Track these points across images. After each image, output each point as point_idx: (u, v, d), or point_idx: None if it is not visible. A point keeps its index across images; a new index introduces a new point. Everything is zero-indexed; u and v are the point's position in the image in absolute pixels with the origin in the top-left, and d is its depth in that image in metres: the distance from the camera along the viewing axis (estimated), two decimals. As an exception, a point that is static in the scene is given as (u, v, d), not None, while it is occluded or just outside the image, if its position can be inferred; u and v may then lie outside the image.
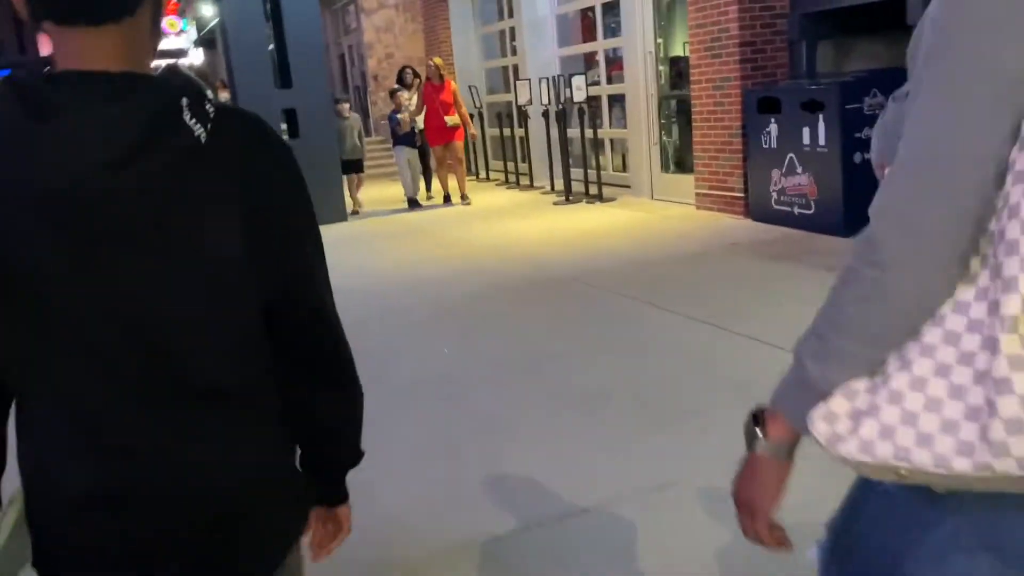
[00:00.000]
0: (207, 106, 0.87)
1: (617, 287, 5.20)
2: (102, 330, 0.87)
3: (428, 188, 10.25)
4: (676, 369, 3.72)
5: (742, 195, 6.87)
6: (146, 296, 0.87)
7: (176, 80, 0.88)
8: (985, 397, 0.71)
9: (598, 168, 8.81)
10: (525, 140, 10.35)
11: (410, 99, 9.40)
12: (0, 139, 0.83)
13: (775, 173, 6.45)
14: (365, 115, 14.62)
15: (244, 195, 0.89)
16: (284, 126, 9.01)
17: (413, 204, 9.49)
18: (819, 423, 0.81)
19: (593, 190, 8.83)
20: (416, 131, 9.35)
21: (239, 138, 0.91)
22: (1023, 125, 0.71)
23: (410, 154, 9.47)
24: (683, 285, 5.13)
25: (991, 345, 0.71)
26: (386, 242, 7.82)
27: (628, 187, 8.77)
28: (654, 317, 4.53)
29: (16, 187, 0.82)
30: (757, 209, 6.72)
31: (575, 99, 8.66)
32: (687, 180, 7.70)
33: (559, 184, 9.75)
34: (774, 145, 6.41)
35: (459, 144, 9.50)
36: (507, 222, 8.11)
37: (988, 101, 0.72)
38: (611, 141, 9.60)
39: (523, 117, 10.12)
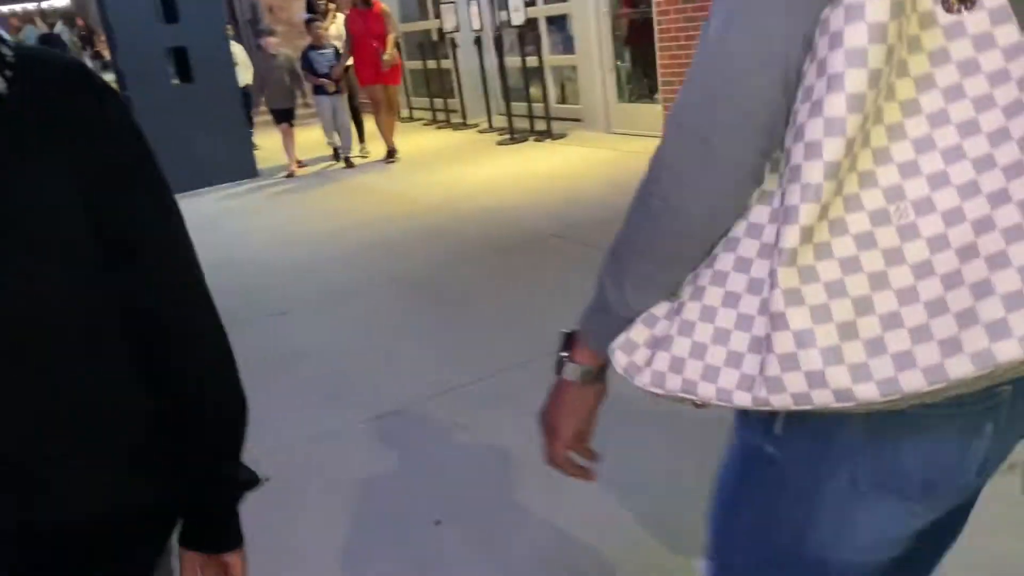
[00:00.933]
0: (2, 49, 0.70)
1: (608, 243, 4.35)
2: None
3: (361, 139, 8.36)
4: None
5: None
6: None
7: None
8: (766, 330, 0.67)
9: (546, 101, 7.83)
10: (454, 72, 9.24)
11: (327, 29, 7.92)
12: None
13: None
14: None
15: (69, 152, 0.72)
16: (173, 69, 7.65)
17: (348, 163, 7.80)
18: (618, 353, 0.77)
19: (539, 126, 7.88)
20: (335, 71, 7.53)
21: (53, 86, 0.73)
22: (816, 35, 0.64)
23: (336, 101, 7.62)
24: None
25: (772, 276, 0.67)
26: (313, 203, 6.70)
27: (578, 120, 7.85)
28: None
29: None
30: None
31: (513, 22, 7.61)
32: (651, 110, 6.85)
33: (497, 121, 8.76)
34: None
35: (396, 88, 7.80)
36: (453, 169, 7.08)
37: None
38: (551, 70, 8.61)
39: (450, 46, 9.00)
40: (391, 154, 7.80)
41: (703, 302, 0.72)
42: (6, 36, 0.72)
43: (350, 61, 7.51)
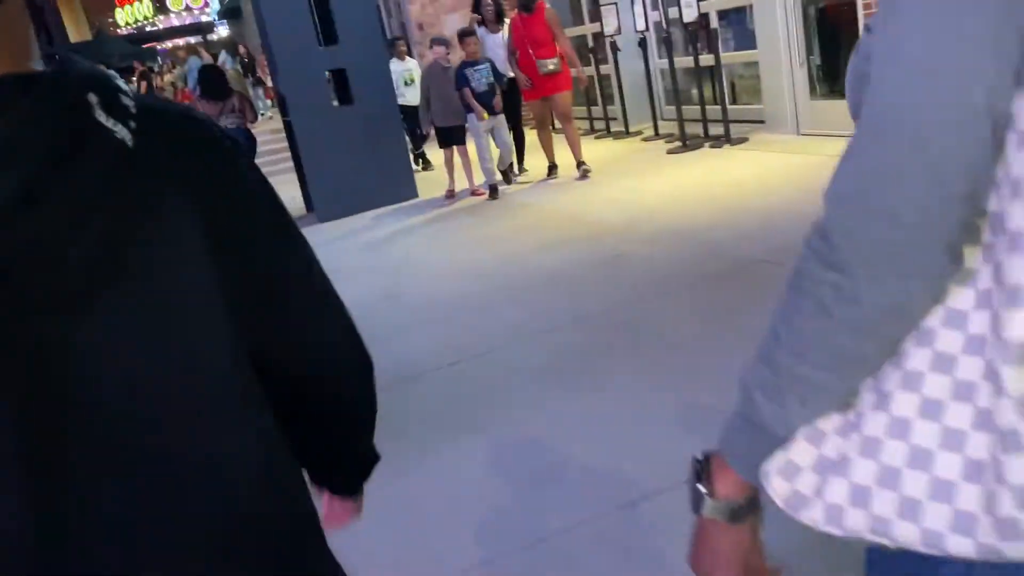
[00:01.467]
0: (124, 100, 0.64)
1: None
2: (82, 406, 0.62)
3: (521, 160, 7.51)
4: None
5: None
6: (101, 362, 0.62)
7: (76, 71, 0.62)
8: (989, 451, 0.51)
9: (723, 103, 7.10)
10: (614, 78, 8.67)
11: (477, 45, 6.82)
12: None
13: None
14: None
15: (200, 206, 0.67)
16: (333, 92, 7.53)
17: (506, 180, 7.12)
18: (776, 479, 0.62)
19: (714, 130, 7.17)
20: (498, 88, 6.76)
21: (176, 135, 0.68)
22: None
23: (494, 122, 6.78)
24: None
25: (994, 378, 0.51)
26: (479, 227, 6.28)
27: (759, 122, 7.08)
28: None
29: None
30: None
31: (684, 19, 6.95)
32: (852, 107, 5.99)
33: (663, 127, 8.11)
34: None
35: (563, 96, 6.79)
36: (625, 183, 6.50)
37: (984, 27, 0.49)
38: (719, 69, 7.85)
39: (610, 50, 8.43)
40: (579, 168, 6.90)
41: (892, 413, 0.56)
42: (125, 86, 0.65)
43: (512, 74, 7.04)
